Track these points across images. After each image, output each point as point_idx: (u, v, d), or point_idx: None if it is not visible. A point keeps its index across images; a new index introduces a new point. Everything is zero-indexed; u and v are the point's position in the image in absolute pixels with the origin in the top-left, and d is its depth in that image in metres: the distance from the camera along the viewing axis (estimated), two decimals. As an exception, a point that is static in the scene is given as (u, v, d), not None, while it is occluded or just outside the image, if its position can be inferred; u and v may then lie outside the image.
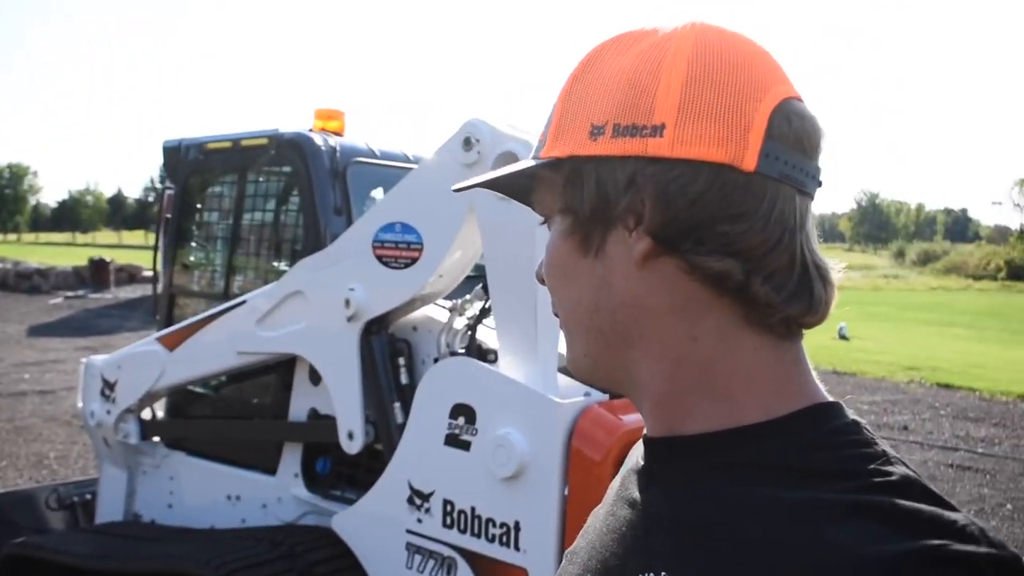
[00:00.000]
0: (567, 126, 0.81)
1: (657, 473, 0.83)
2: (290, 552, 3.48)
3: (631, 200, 0.77)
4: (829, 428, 0.76)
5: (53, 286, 26.93)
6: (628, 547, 0.81)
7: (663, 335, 0.79)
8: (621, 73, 0.78)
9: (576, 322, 0.84)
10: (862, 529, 0.65)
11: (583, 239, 0.81)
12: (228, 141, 4.40)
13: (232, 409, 4.44)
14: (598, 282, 0.81)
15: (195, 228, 4.81)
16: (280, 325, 3.81)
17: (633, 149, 0.76)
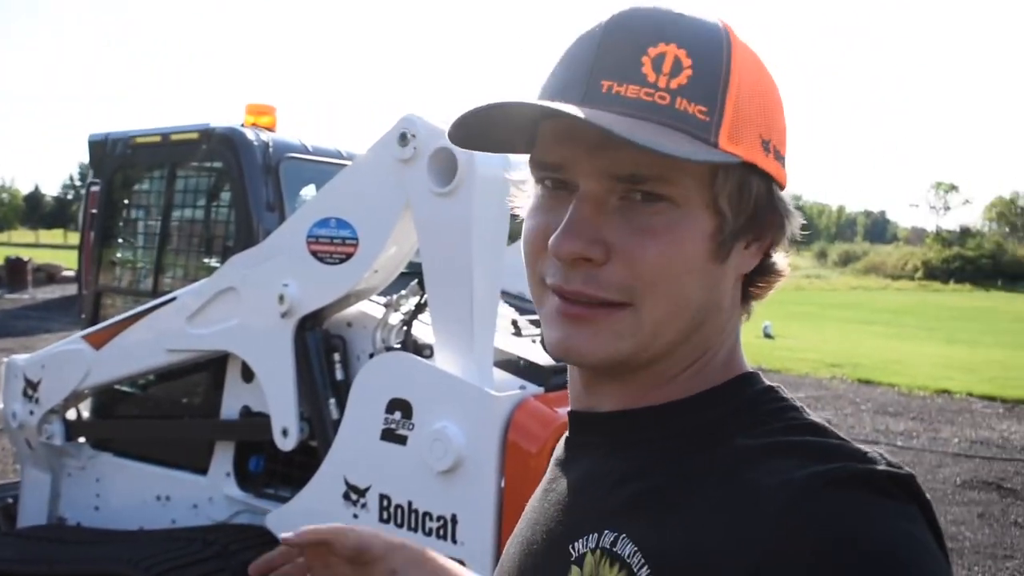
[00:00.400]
0: (742, 128, 0.78)
1: (601, 443, 0.87)
2: (223, 551, 3.44)
3: (772, 219, 0.83)
4: (757, 389, 0.85)
5: (-33, 287, 26.05)
6: (572, 514, 0.86)
7: (714, 332, 0.86)
8: (768, 93, 0.83)
9: (675, 318, 0.81)
10: (778, 464, 0.73)
11: (724, 244, 0.81)
12: (157, 135, 4.33)
13: (161, 408, 4.37)
14: (712, 285, 0.82)
15: (122, 224, 4.72)
16: (212, 322, 3.77)
17: (782, 175, 0.83)
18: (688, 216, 0.78)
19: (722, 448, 0.78)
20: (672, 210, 0.78)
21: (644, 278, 0.78)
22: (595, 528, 0.81)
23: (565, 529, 0.85)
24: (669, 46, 0.76)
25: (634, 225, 0.78)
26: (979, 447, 9.67)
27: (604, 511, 0.81)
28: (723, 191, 0.79)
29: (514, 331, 3.57)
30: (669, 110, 0.76)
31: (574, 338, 0.81)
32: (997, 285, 52.80)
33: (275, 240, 3.57)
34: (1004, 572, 5.98)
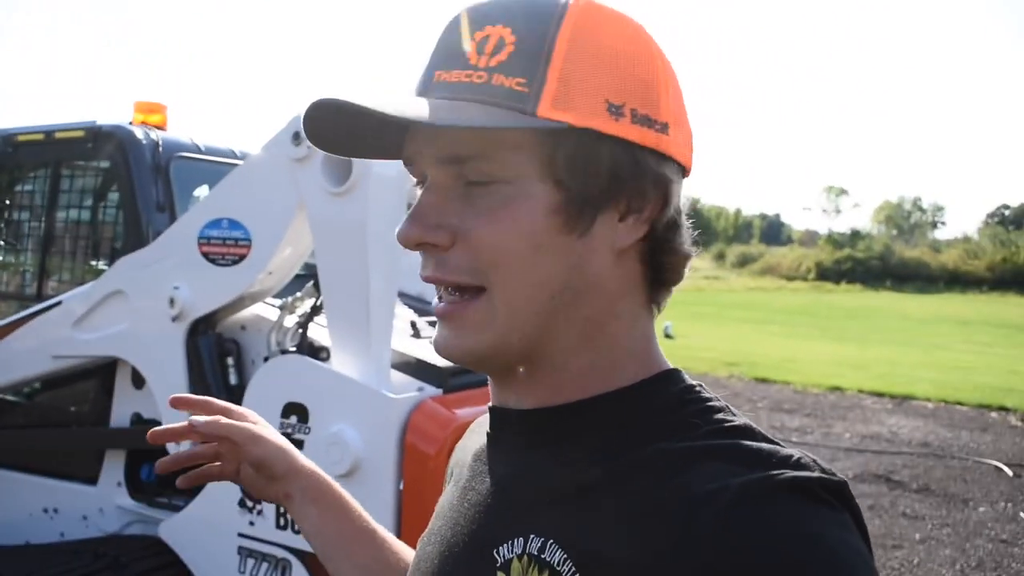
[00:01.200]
0: (576, 92, 0.76)
1: (521, 442, 0.85)
2: (115, 563, 3.33)
3: (641, 189, 0.79)
4: (679, 388, 0.82)
5: None
6: (495, 517, 0.83)
7: (603, 316, 0.82)
8: (625, 56, 0.79)
9: (533, 299, 0.78)
10: (709, 470, 0.71)
11: (574, 217, 0.77)
12: (40, 133, 4.16)
13: (48, 417, 4.20)
14: (573, 262, 0.79)
15: (4, 226, 4.53)
16: (99, 327, 3.64)
17: (650, 140, 0.79)
18: (523, 191, 0.77)
19: (649, 449, 0.76)
20: (505, 187, 0.77)
21: (486, 258, 0.77)
22: (520, 532, 0.78)
23: (488, 532, 0.82)
24: (495, 27, 0.77)
25: (473, 207, 0.78)
26: (869, 441, 10.01)
27: (528, 513, 0.79)
28: (557, 160, 0.77)
29: (412, 332, 3.54)
30: (485, 87, 0.76)
31: (444, 337, 0.82)
32: (886, 285, 54.74)
33: (165, 241, 3.48)
34: (894, 561, 6.20)
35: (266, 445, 1.10)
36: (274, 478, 1.11)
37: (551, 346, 0.81)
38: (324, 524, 1.11)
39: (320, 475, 1.13)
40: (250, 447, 1.09)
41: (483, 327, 0.79)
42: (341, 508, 1.12)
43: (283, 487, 1.11)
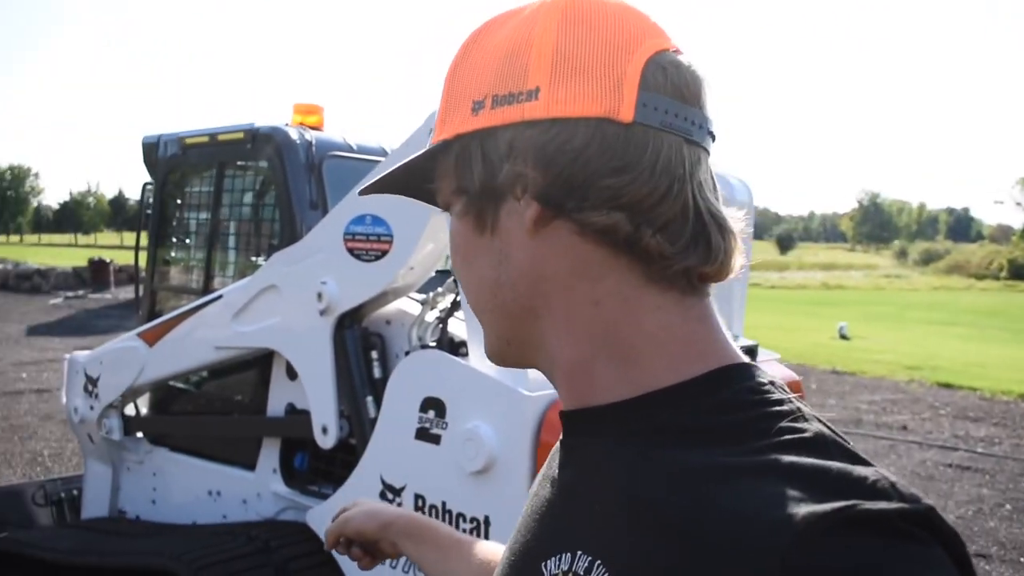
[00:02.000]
0: (452, 108, 0.81)
1: (573, 448, 0.81)
2: (265, 547, 3.46)
3: (513, 167, 0.76)
4: (740, 388, 0.73)
5: (53, 286, 26.98)
6: (547, 528, 0.79)
7: (566, 303, 0.78)
8: (497, 47, 0.79)
9: (483, 303, 0.83)
10: (765, 492, 0.63)
11: (477, 217, 0.80)
12: (205, 136, 4.39)
13: (212, 405, 4.43)
14: (497, 258, 0.80)
15: (175, 224, 4.80)
16: (255, 320, 3.80)
17: (511, 116, 0.75)
18: (453, 209, 0.84)
19: (697, 461, 0.68)
20: (451, 212, 0.85)
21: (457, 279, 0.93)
22: (569, 547, 0.73)
23: (540, 544, 0.78)
24: None
25: None
26: (1064, 453, 9.29)
27: (579, 527, 0.74)
28: (451, 172, 0.82)
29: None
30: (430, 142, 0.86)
31: None
32: (1089, 285, 50.76)
33: (314, 237, 3.58)
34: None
35: (352, 519, 1.30)
36: (376, 540, 1.28)
37: (543, 343, 0.81)
38: (422, 555, 1.25)
39: (405, 516, 1.29)
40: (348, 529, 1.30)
41: (483, 333, 0.88)
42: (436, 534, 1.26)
43: (387, 541, 1.27)
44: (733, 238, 0.77)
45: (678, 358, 0.75)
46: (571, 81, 0.74)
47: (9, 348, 16.01)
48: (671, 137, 0.74)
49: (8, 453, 8.76)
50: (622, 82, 0.74)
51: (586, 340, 0.77)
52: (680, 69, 0.77)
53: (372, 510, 1.30)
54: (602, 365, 0.77)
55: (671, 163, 0.74)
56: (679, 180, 0.74)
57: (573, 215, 0.75)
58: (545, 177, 0.74)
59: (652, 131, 0.73)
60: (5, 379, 12.78)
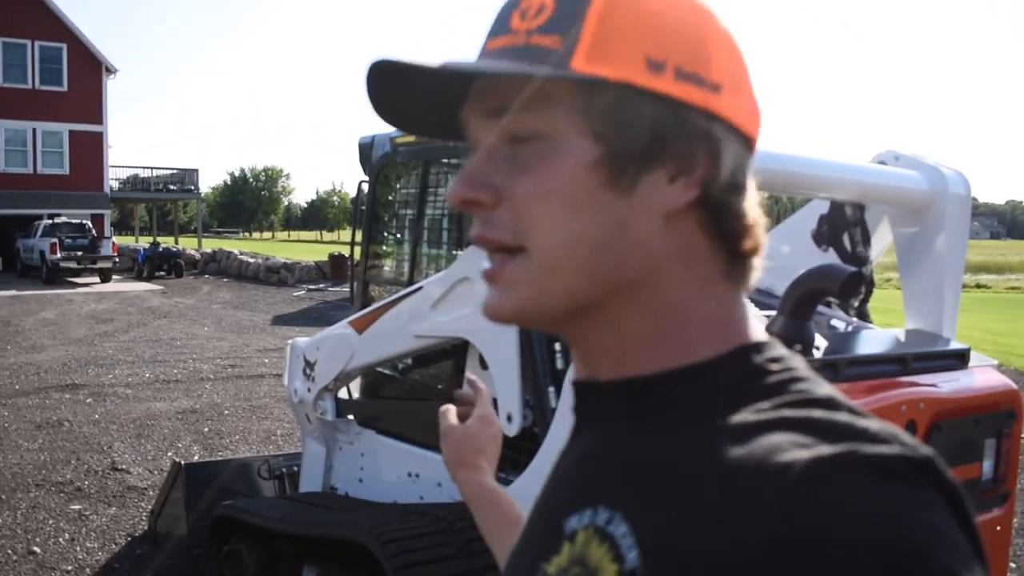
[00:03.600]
0: (614, 46, 0.75)
1: (602, 415, 0.84)
2: (449, 527, 3.62)
3: (688, 148, 0.77)
4: (762, 358, 0.78)
5: (297, 279, 29.01)
6: (570, 487, 0.83)
7: (658, 283, 0.79)
8: (670, 15, 0.78)
9: (570, 258, 0.77)
10: (771, 442, 0.67)
11: (615, 173, 0.76)
12: (413, 135, 4.62)
13: (414, 391, 4.67)
14: (616, 220, 0.77)
15: (386, 219, 5.09)
16: (450, 310, 3.97)
17: (697, 99, 0.77)
18: (562, 146, 0.76)
19: (716, 423, 0.72)
20: (545, 143, 0.76)
21: (525, 215, 0.76)
22: (591, 504, 0.78)
23: (563, 503, 0.82)
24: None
25: (514, 164, 0.78)
26: None
27: (602, 486, 0.79)
28: (594, 114, 0.75)
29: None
30: (524, 48, 0.77)
31: (488, 298, 0.82)
32: None
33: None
34: None
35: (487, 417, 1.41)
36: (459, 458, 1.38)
37: (601, 309, 0.80)
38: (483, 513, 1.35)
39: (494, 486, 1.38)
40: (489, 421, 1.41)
41: (520, 284, 0.79)
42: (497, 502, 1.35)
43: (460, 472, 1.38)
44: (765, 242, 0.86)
45: (719, 339, 0.79)
46: (741, 95, 0.80)
47: (255, 335, 17.41)
48: None
49: (246, 431, 9.55)
50: (760, 112, 0.83)
51: (656, 319, 0.80)
52: None
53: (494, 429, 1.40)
54: (659, 342, 0.80)
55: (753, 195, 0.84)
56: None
57: (724, 210, 0.79)
58: (715, 171, 0.78)
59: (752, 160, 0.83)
60: (250, 364, 13.91)
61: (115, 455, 8.43)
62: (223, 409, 10.54)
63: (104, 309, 21.67)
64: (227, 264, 33.12)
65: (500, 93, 0.77)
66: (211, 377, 12.68)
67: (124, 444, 8.86)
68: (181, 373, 12.97)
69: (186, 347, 15.61)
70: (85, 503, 7.10)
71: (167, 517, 6.03)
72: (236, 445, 8.98)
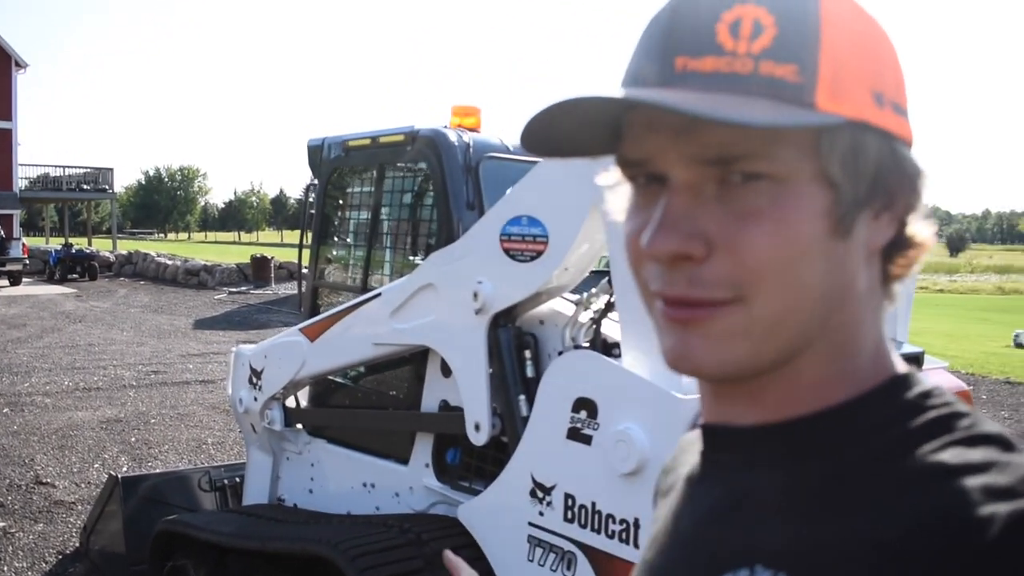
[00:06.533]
0: (845, 84, 0.69)
1: (752, 461, 0.76)
2: (417, 539, 3.54)
3: (899, 183, 0.72)
4: (917, 393, 0.72)
5: (218, 282, 28.38)
6: (718, 545, 0.75)
7: (853, 321, 0.74)
8: (874, 41, 0.72)
9: (797, 311, 0.70)
10: (962, 488, 0.61)
11: (843, 219, 0.69)
12: (367, 138, 4.52)
13: (368, 399, 4.56)
14: (835, 267, 0.70)
15: (337, 224, 4.97)
16: (412, 317, 3.89)
17: (905, 131, 0.73)
18: (795, 191, 0.68)
19: (888, 465, 0.67)
20: (775, 187, 0.68)
21: (751, 268, 0.68)
22: (745, 561, 0.71)
23: (707, 562, 0.75)
24: (746, 7, 0.68)
25: (734, 210, 0.68)
26: None
27: (752, 540, 0.72)
28: (832, 157, 0.68)
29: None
30: (753, 77, 0.67)
31: (688, 346, 0.72)
32: None
33: (471, 238, 3.64)
34: None
35: None
36: None
37: (804, 359, 0.73)
38: None
39: None
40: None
41: (737, 337, 0.70)
42: None
43: None
44: None
45: (877, 370, 0.75)
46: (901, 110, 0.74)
47: (177, 340, 16.97)
48: None
49: (175, 440, 9.27)
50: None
51: (841, 355, 0.74)
52: None
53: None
54: (828, 379, 0.74)
55: None
56: None
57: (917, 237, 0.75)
58: (914, 202, 0.74)
59: None
60: (173, 369, 13.54)
61: (38, 468, 8.10)
62: (149, 418, 10.23)
63: (15, 314, 20.87)
64: (144, 266, 32.26)
65: (723, 137, 0.68)
66: (134, 384, 12.30)
67: (47, 456, 8.52)
68: (102, 380, 12.55)
69: (105, 353, 15.12)
70: (9, 520, 6.80)
71: (102, 533, 5.80)
72: (166, 455, 8.71)
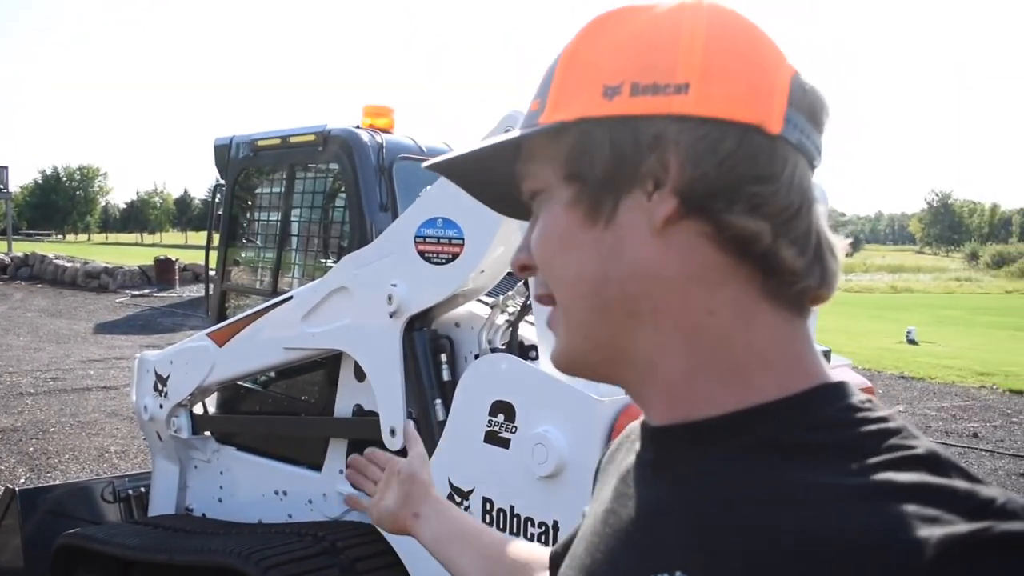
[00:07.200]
0: (572, 90, 0.77)
1: (667, 464, 0.77)
2: (332, 548, 3.47)
3: (655, 160, 0.73)
4: (844, 405, 0.71)
5: (120, 285, 27.51)
6: (637, 547, 0.76)
7: (678, 308, 0.74)
8: (634, 36, 0.76)
9: (578, 299, 0.78)
10: (892, 512, 0.60)
11: (592, 207, 0.76)
12: (277, 138, 4.41)
13: (280, 405, 4.46)
14: (607, 252, 0.75)
15: (245, 225, 4.85)
16: (325, 321, 3.81)
17: (656, 107, 0.73)
18: (551, 196, 0.80)
19: (800, 481, 0.66)
20: (544, 196, 0.81)
21: (541, 265, 0.81)
22: (664, 566, 0.70)
23: (629, 564, 0.75)
24: None
25: (532, 224, 0.84)
26: None
27: (673, 547, 0.71)
28: (561, 156, 0.78)
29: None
30: (524, 118, 0.83)
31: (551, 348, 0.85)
32: None
33: (385, 240, 3.58)
34: None
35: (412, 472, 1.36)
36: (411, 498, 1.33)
37: (641, 350, 0.77)
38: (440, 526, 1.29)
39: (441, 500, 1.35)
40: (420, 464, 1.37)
41: (557, 330, 0.82)
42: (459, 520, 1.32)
43: (415, 508, 1.32)
44: (839, 265, 0.78)
45: (784, 375, 0.74)
46: (723, 83, 0.73)
47: (77, 345, 16.41)
48: (801, 157, 0.75)
49: (76, 449, 8.96)
50: (772, 93, 0.74)
51: (694, 350, 0.75)
52: (816, 93, 0.77)
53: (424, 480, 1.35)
54: (706, 377, 0.75)
55: (802, 182, 0.75)
56: (807, 200, 0.75)
57: (719, 216, 0.72)
58: (692, 175, 0.72)
59: (790, 147, 0.74)
60: (73, 376, 13.09)
61: (-71, 481, 7.73)
62: (48, 426, 9.86)
63: (-98, 320, 19.92)
64: (41, 269, 31.07)
65: (520, 168, 0.84)
66: (31, 391, 11.85)
67: (-62, 468, 8.13)
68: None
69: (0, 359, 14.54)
70: (-103, 537, 6.45)
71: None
72: (66, 465, 8.41)
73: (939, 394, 13.39)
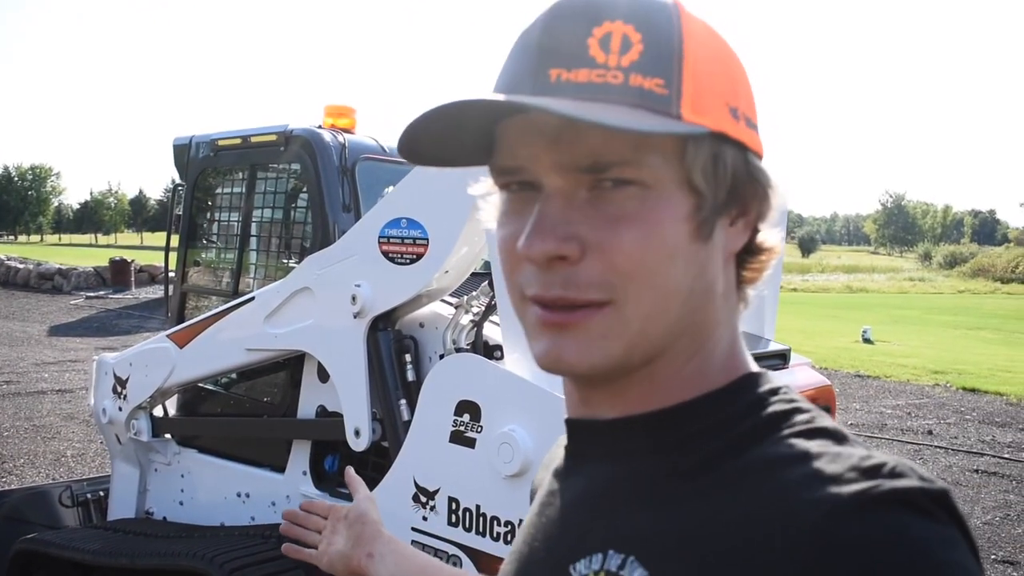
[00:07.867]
0: (708, 96, 0.74)
1: (611, 453, 0.81)
2: (296, 550, 3.45)
3: (753, 191, 0.78)
4: (764, 390, 0.78)
5: (74, 287, 27.10)
6: (573, 530, 0.80)
7: (711, 321, 0.80)
8: (728, 60, 0.78)
9: (664, 310, 0.74)
10: (796, 475, 0.67)
11: (704, 224, 0.75)
12: (238, 138, 4.38)
13: (242, 406, 4.42)
14: (697, 269, 0.76)
15: (205, 226, 4.80)
16: (288, 322, 3.79)
17: (755, 144, 0.78)
18: (662, 197, 0.73)
19: (735, 457, 0.72)
20: (644, 193, 0.73)
21: (622, 270, 0.72)
22: (599, 547, 0.75)
23: (565, 547, 0.79)
24: (615, 23, 0.72)
25: (606, 215, 0.73)
26: (1092, 460, 9.17)
27: (608, 528, 0.76)
28: (695, 166, 0.73)
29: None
30: (624, 88, 0.71)
31: (561, 348, 0.75)
32: (1115, 289, 50.15)
33: (348, 240, 3.57)
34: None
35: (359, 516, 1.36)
36: (363, 538, 1.32)
37: (666, 355, 0.78)
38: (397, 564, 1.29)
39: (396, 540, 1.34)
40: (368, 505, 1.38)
41: (611, 338, 0.74)
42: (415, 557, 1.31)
43: (368, 548, 1.31)
44: None
45: (732, 367, 0.81)
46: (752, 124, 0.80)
47: (31, 348, 16.13)
48: None
49: (32, 453, 8.82)
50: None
51: (699, 353, 0.80)
52: None
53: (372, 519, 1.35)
54: (687, 376, 0.79)
55: None
56: None
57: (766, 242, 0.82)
58: (761, 210, 0.80)
59: None
60: (27, 379, 12.87)
61: None
62: (2, 431, 9.69)
63: None
64: (-7, 271, 30.54)
65: (595, 144, 0.72)
66: (-15, 395, 11.63)
67: None
68: (-51, 392, 11.82)
69: (-48, 363, 14.26)
70: None
71: (-48, 555, 5.44)
72: (22, 470, 8.27)
73: (894, 392, 13.60)
